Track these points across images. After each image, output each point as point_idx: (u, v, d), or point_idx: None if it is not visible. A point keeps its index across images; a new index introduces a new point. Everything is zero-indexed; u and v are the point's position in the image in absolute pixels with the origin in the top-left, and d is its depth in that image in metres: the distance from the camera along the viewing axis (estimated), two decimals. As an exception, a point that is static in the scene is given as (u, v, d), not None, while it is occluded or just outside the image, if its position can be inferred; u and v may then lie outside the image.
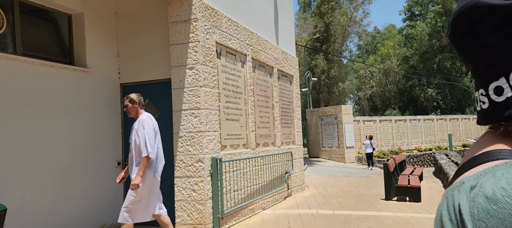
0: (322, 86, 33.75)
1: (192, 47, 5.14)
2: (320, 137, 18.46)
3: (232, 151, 5.82)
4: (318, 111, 18.72)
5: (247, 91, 6.47)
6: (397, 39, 44.04)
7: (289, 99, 8.49)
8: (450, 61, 36.21)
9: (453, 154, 14.52)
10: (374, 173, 13.87)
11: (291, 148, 8.29)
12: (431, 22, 35.65)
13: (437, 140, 22.87)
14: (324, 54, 33.18)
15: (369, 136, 16.19)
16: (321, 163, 16.93)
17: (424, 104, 36.80)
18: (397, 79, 41.26)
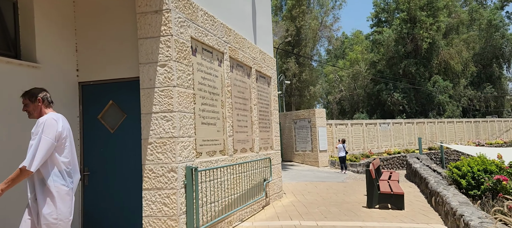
0: (294, 89, 33.72)
1: (164, 41, 4.52)
2: (293, 140, 18.18)
3: (208, 158, 5.24)
4: (291, 114, 18.45)
5: (224, 93, 5.92)
6: (365, 44, 45.11)
7: (267, 102, 8.02)
8: (415, 67, 37.47)
9: (423, 157, 14.69)
10: (348, 177, 13.72)
11: (270, 153, 7.81)
12: (397, 29, 36.74)
13: (405, 143, 23.36)
14: (296, 58, 33.20)
15: (341, 140, 16.10)
16: (294, 167, 16.63)
17: (391, 108, 37.80)
18: (365, 83, 42.17)
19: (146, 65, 4.57)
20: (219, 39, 5.81)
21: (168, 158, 4.45)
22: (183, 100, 4.64)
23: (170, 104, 4.48)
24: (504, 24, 47.71)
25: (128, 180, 4.80)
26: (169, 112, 4.47)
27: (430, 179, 7.86)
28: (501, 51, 47.51)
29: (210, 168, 5.10)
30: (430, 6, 36.57)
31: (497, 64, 48.16)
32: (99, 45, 4.94)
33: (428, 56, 38.40)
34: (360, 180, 12.56)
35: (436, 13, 36.92)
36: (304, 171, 15.25)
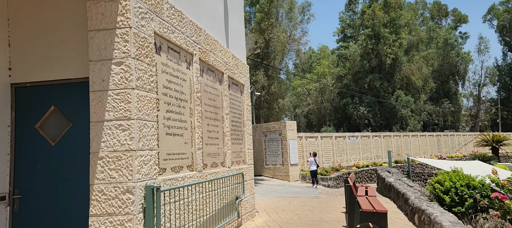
0: (262, 102, 33.33)
1: (120, 35, 3.74)
2: (263, 154, 17.57)
3: (173, 175, 4.45)
4: (261, 127, 17.88)
5: (193, 99, 5.18)
6: (331, 59, 45.96)
7: (239, 112, 7.34)
8: (379, 81, 38.48)
9: (394, 171, 14.58)
10: (321, 192, 13.25)
11: (242, 168, 7.10)
12: (362, 44, 37.69)
13: (373, 156, 23.50)
14: (265, 70, 32.96)
15: (313, 153, 15.70)
16: (265, 181, 15.96)
17: (357, 122, 38.42)
18: (332, 97, 42.75)
19: (98, 63, 3.75)
20: (188, 39, 5.09)
21: (123, 176, 3.62)
22: (143, 106, 3.86)
23: (127, 111, 3.68)
24: (459, 43, 50.72)
25: (72, 204, 3.90)
26: (125, 120, 3.67)
27: (409, 195, 7.48)
28: (457, 68, 50.30)
29: (175, 186, 4.30)
30: (393, 24, 37.96)
31: (453, 81, 50.88)
32: (39, 38, 4.06)
33: (391, 71, 39.66)
34: (333, 195, 12.11)
35: (398, 31, 38.36)
36: (275, 186, 14.61)
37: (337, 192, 13.64)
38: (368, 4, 39.84)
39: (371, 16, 37.62)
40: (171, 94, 4.56)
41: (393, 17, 37.53)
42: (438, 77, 47.93)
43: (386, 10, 38.00)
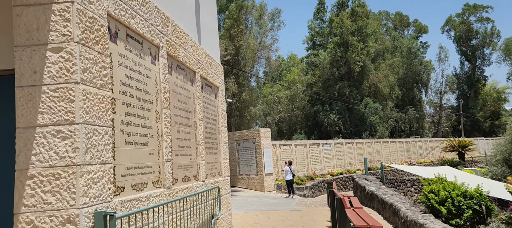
0: (233, 110, 32.49)
1: (59, 11, 2.81)
2: (236, 163, 16.69)
3: (134, 194, 3.52)
4: (234, 135, 17.02)
5: (160, 101, 4.28)
6: (301, 67, 46.10)
7: (214, 117, 6.48)
8: (348, 89, 38.87)
9: (372, 178, 14.20)
10: (298, 203, 12.56)
11: (218, 181, 6.22)
12: (332, 52, 37.98)
13: (346, 163, 23.27)
14: (235, 78, 32.21)
15: (288, 162, 15.03)
16: (238, 193, 15.06)
17: (328, 129, 38.47)
18: (302, 105, 42.71)
19: (27, 49, 2.79)
20: (152, 28, 4.20)
21: (62, 200, 2.67)
22: (93, 106, 2.93)
23: (69, 112, 2.74)
24: (421, 52, 52.78)
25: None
26: (67, 124, 2.73)
27: (399, 206, 6.91)
28: (420, 76, 52.21)
29: (137, 210, 3.37)
30: (360, 32, 38.63)
31: (417, 89, 52.71)
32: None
33: (360, 79, 40.26)
34: (313, 207, 11.45)
35: (365, 39, 39.09)
36: (249, 198, 13.75)
37: (315, 202, 13.01)
38: (336, 12, 40.39)
39: (339, 24, 38.09)
40: (132, 94, 3.65)
41: (360, 26, 38.21)
42: (403, 85, 49.42)
43: (354, 19, 38.65)
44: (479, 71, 58.12)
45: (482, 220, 5.37)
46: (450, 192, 5.95)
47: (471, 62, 58.05)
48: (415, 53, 50.89)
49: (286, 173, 14.52)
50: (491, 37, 58.02)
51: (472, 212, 5.59)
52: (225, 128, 6.99)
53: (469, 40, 58.26)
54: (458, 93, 59.29)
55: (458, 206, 5.85)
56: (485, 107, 59.00)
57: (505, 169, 18.75)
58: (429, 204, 6.17)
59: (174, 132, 4.62)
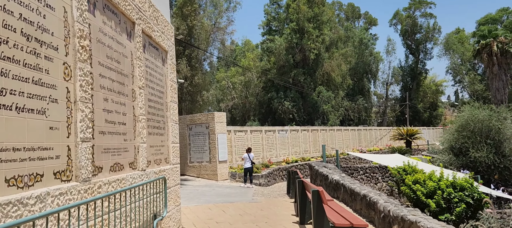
0: (185, 94, 30.56)
1: None
2: (187, 149, 15.22)
3: (19, 194, 2.09)
4: (185, 119, 15.48)
5: (73, 49, 2.81)
6: (256, 53, 45.10)
7: (161, 89, 5.06)
8: (303, 76, 38.63)
9: (331, 166, 13.59)
10: (256, 193, 11.52)
11: (165, 170, 4.85)
12: (288, 38, 37.36)
13: (301, 151, 22.77)
14: (187, 60, 30.21)
15: (247, 148, 13.94)
16: (189, 182, 13.67)
17: (282, 116, 38.05)
18: (256, 91, 41.83)
19: None
20: None
21: None
22: None
23: None
24: (372, 43, 54.37)
25: None
26: None
27: (375, 198, 6.07)
28: (370, 67, 53.87)
29: (17, 222, 1.95)
30: (316, 19, 38.41)
31: (367, 79, 54.40)
32: None
33: (314, 67, 40.23)
34: (271, 197, 10.46)
35: (321, 26, 38.98)
36: (201, 187, 12.44)
37: (272, 192, 12.06)
38: (293, -2, 39.73)
39: (295, 10, 37.50)
40: (14, 26, 2.17)
41: (316, 13, 37.96)
42: (354, 74, 50.61)
43: (310, 5, 38.27)
44: (421, 65, 61.47)
45: (472, 214, 4.69)
46: (438, 182, 5.20)
47: (414, 56, 61.18)
48: (366, 44, 52.29)
49: (245, 160, 13.47)
50: (433, 32, 61.42)
51: (465, 205, 4.86)
52: (175, 104, 5.60)
53: (414, 34, 61.22)
54: (402, 85, 62.37)
55: (449, 199, 5.10)
56: (425, 99, 62.74)
57: (451, 157, 19.38)
58: (414, 197, 5.37)
59: (98, 99, 3.18)
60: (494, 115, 18.13)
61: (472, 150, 18.10)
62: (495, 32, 40.09)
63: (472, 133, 18.59)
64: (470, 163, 18.29)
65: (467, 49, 59.04)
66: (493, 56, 38.56)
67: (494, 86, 39.60)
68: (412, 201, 5.43)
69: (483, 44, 39.15)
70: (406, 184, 5.77)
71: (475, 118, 18.39)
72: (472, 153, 18.01)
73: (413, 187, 5.50)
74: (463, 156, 18.76)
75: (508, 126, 17.79)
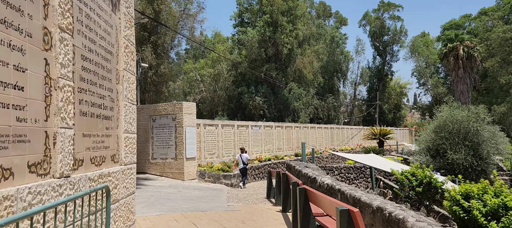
0: (149, 84, 28.13)
1: None
2: (150, 144, 13.24)
3: None
4: (148, 109, 13.47)
5: None
6: (227, 45, 43.22)
7: (108, 47, 3.26)
8: (275, 72, 37.33)
9: (313, 166, 12.23)
10: (230, 197, 9.88)
11: (110, 173, 3.08)
12: (260, 31, 35.85)
13: (274, 148, 21.38)
14: (153, 47, 27.77)
15: (241, 148, 13.69)
16: (151, 182, 11.74)
17: (252, 112, 36.54)
18: (226, 85, 40.01)
19: None
20: None
21: None
22: None
23: None
24: (343, 42, 54.28)
25: None
26: None
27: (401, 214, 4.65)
28: (340, 66, 53.77)
29: None
30: (290, 13, 37.22)
31: (337, 78, 54.27)
32: None
33: (287, 62, 39.07)
34: (250, 203, 8.87)
35: (294, 21, 37.85)
36: (165, 189, 10.59)
37: (249, 195, 10.48)
38: (267, -10, 38.24)
39: (269, 2, 36.05)
40: None
41: (290, 6, 36.76)
42: (325, 72, 50.18)
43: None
44: (388, 66, 62.50)
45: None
46: (504, 197, 3.86)
47: (382, 57, 62.07)
48: (337, 43, 52.04)
49: (239, 161, 12.93)
50: (400, 35, 62.56)
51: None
52: (131, 75, 3.80)
53: (381, 36, 62.06)
54: (369, 86, 63.14)
55: (511, 219, 3.79)
56: (390, 101, 63.89)
57: (428, 158, 18.81)
58: (463, 215, 3.95)
59: None
60: (472, 116, 17.75)
61: (450, 152, 17.59)
62: (461, 36, 41.14)
63: (450, 134, 18.10)
64: (448, 165, 17.79)
65: (432, 53, 60.80)
66: (459, 60, 39.49)
67: (459, 89, 40.63)
68: (459, 220, 4.08)
69: (450, 47, 40.01)
70: (452, 199, 4.40)
71: (453, 118, 17.91)
72: (450, 155, 17.50)
73: (464, 204, 4.09)
74: (440, 157, 18.24)
75: (486, 128, 17.46)
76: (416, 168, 7.79)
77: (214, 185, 12.44)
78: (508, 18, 41.61)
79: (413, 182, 7.19)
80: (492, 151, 17.04)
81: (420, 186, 7.19)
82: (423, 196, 7.11)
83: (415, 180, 7.19)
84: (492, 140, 17.27)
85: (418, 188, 7.13)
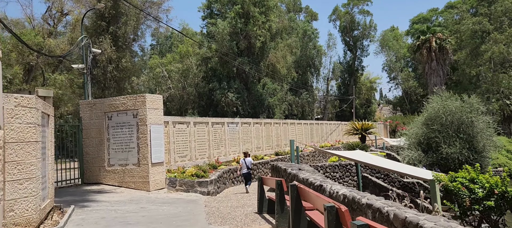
0: (109, 80, 25.05)
1: None
2: (105, 147, 10.68)
3: None
4: (102, 104, 10.88)
5: None
6: (196, 39, 40.52)
7: None
8: (248, 66, 35.20)
9: (308, 168, 10.26)
10: (209, 213, 7.65)
11: None
12: (232, 22, 33.58)
13: (253, 147, 19.27)
14: (113, 39, 24.70)
15: (245, 153, 13.05)
16: (105, 196, 9.22)
17: (225, 109, 34.20)
18: (196, 81, 37.36)
19: None
20: None
21: None
22: None
23: None
24: (315, 36, 53.10)
25: None
26: None
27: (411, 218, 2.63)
28: (313, 61, 52.58)
29: None
30: (263, 4, 35.22)
31: (310, 73, 53.05)
32: None
33: (260, 56, 37.06)
34: (240, 222, 6.69)
35: (267, 12, 35.89)
36: (123, 205, 8.17)
37: (231, 208, 8.32)
38: (237, -21, 35.99)
39: (241, -8, 33.85)
40: None
41: (263, -3, 34.73)
42: (298, 67, 48.75)
43: (256, -12, 34.91)
44: (358, 61, 62.22)
45: None
46: None
47: (352, 52, 61.67)
48: (309, 37, 50.77)
49: (242, 166, 12.28)
50: (370, 30, 62.31)
51: None
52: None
53: (352, 31, 61.58)
54: (341, 81, 62.65)
55: None
56: (361, 96, 63.72)
57: (419, 153, 17.45)
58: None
59: None
60: (466, 106, 16.58)
61: (444, 145, 16.31)
62: (433, 28, 41.10)
63: (443, 126, 16.83)
64: (442, 160, 16.50)
65: (402, 47, 61.20)
66: (431, 52, 39.33)
67: (432, 82, 40.53)
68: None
69: (423, 39, 39.79)
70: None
71: (446, 109, 16.65)
72: (444, 149, 16.22)
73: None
74: (433, 152, 16.93)
75: (481, 118, 16.34)
76: (475, 172, 6.05)
77: (188, 195, 10.14)
78: (475, 11, 42.09)
79: (478, 193, 5.41)
80: (488, 143, 15.90)
81: (489, 198, 5.38)
82: (495, 211, 5.37)
83: (480, 189, 5.45)
84: (487, 130, 16.15)
85: (489, 201, 5.34)
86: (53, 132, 7.29)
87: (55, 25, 24.08)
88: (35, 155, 5.60)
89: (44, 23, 23.79)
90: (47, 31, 23.27)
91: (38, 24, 24.07)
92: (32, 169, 5.51)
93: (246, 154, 12.84)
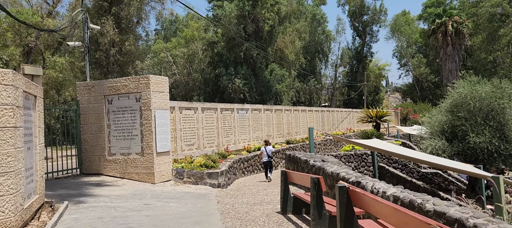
0: (112, 64, 23.94)
1: None
2: (105, 134, 9.62)
3: None
4: (102, 86, 9.77)
5: None
6: (201, 23, 39.13)
7: None
8: (256, 51, 33.82)
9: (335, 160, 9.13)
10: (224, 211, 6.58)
11: None
12: (239, 5, 32.09)
13: (263, 136, 18.14)
14: (115, 20, 23.50)
15: (265, 141, 12.72)
16: (105, 189, 8.19)
17: (231, 96, 33.02)
18: (202, 67, 36.14)
19: None
20: None
21: None
22: None
23: None
24: (325, 21, 51.32)
25: None
26: None
27: None
28: (322, 46, 50.95)
29: None
30: (272, -15, 33.66)
31: (318, 59, 51.50)
32: None
33: (268, 41, 35.66)
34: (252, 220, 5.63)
35: (276, -6, 34.34)
36: (125, 201, 7.13)
37: (247, 205, 7.26)
38: (245, -41, 34.30)
39: (248, -27, 32.26)
40: None
41: (272, -23, 33.13)
42: (306, 53, 47.21)
43: (265, -32, 33.26)
44: (367, 47, 60.35)
45: None
46: None
47: (361, 38, 59.78)
48: (318, 21, 49.05)
49: (263, 154, 11.93)
50: (380, 15, 60.14)
51: None
52: None
53: (361, 16, 59.50)
54: (349, 68, 60.96)
55: None
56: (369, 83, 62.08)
57: (443, 143, 16.21)
58: None
59: None
60: (497, 92, 15.24)
61: (472, 134, 15.06)
62: (450, 11, 39.30)
63: (470, 113, 15.55)
64: (469, 150, 15.26)
65: (414, 32, 59.20)
66: (447, 36, 37.58)
67: (447, 67, 38.91)
68: None
69: (439, 23, 38.04)
70: None
71: (474, 95, 15.32)
72: (472, 138, 14.96)
73: None
74: (459, 141, 15.67)
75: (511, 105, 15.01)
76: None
77: (197, 188, 9.10)
78: (494, -6, 40.10)
79: None
80: (521, 131, 14.61)
81: None
82: None
83: None
84: (519, 118, 14.81)
85: None
86: (42, 116, 6.20)
87: (54, 5, 22.89)
88: (14, 144, 4.51)
89: (43, 1, 22.62)
90: (45, 11, 22.10)
91: (36, 3, 22.92)
92: (9, 161, 4.44)
93: (267, 142, 12.57)
